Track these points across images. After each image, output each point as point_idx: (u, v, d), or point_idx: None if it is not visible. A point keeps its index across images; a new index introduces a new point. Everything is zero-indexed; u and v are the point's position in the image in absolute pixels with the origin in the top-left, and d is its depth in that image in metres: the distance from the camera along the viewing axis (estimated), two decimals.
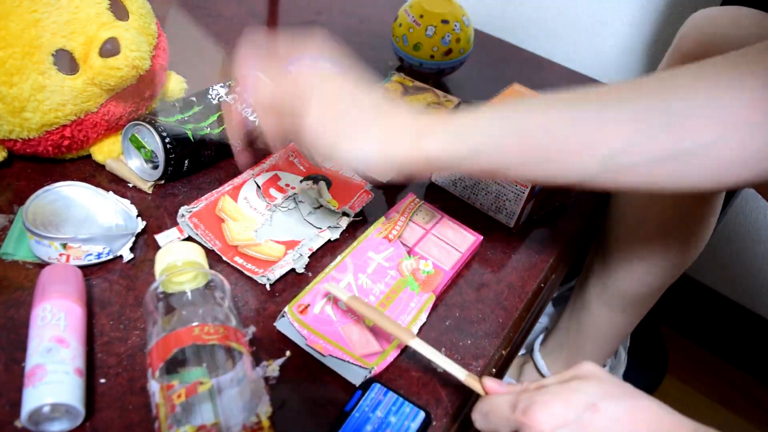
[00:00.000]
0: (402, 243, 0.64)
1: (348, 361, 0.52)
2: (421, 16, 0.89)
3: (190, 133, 0.65)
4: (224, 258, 0.59)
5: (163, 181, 0.66)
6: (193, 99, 0.70)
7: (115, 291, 0.55)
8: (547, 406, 0.39)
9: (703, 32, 0.63)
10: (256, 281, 0.58)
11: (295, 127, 0.49)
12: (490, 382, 0.46)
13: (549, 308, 1.06)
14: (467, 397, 0.54)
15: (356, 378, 0.52)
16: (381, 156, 0.48)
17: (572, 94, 0.47)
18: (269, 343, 0.54)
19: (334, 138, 0.48)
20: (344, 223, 0.65)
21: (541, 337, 0.98)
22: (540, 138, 0.46)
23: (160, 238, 0.60)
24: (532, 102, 0.51)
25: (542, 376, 0.93)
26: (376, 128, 0.48)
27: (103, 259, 0.57)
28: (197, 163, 0.67)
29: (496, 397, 0.43)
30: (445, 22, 0.89)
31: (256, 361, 0.52)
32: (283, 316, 0.54)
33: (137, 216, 0.60)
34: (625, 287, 0.89)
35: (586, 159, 0.45)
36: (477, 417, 0.44)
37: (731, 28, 0.61)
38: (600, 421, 0.38)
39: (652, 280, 0.87)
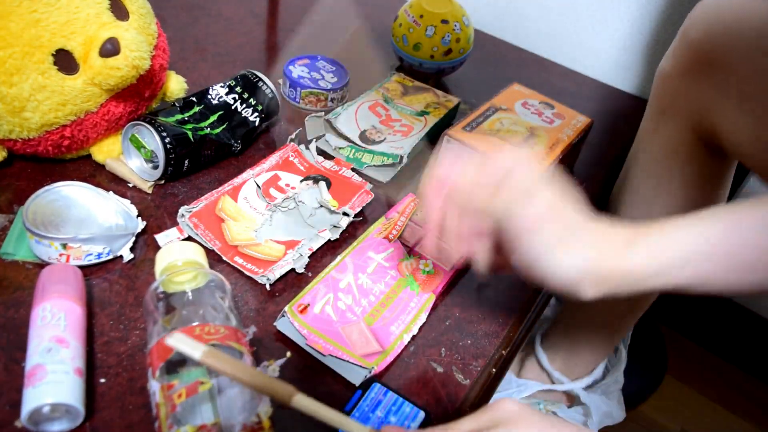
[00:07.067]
0: (402, 243, 0.64)
1: (348, 361, 0.52)
2: (421, 16, 0.89)
3: (190, 133, 0.65)
4: (224, 258, 0.59)
5: (163, 181, 0.66)
6: (193, 99, 0.70)
7: (115, 291, 0.55)
8: None
9: (710, 21, 0.63)
10: (256, 281, 0.58)
11: (501, 211, 0.43)
12: None
13: (551, 301, 1.06)
14: (467, 397, 0.54)
15: (356, 378, 0.52)
16: (588, 268, 0.42)
17: None
18: (269, 343, 0.54)
19: (550, 240, 0.42)
20: (344, 223, 0.65)
21: (542, 330, 0.98)
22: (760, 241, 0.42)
23: (160, 238, 0.60)
24: (747, 204, 0.45)
25: (543, 370, 0.93)
26: (588, 234, 0.43)
27: (103, 259, 0.57)
28: (197, 163, 0.67)
29: None
30: (445, 22, 0.89)
31: (257, 361, 0.52)
32: (283, 316, 0.54)
33: (137, 216, 0.60)
34: None
35: None
36: None
37: (737, 16, 0.61)
38: None
39: None
